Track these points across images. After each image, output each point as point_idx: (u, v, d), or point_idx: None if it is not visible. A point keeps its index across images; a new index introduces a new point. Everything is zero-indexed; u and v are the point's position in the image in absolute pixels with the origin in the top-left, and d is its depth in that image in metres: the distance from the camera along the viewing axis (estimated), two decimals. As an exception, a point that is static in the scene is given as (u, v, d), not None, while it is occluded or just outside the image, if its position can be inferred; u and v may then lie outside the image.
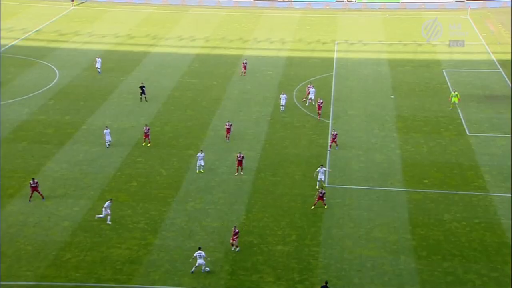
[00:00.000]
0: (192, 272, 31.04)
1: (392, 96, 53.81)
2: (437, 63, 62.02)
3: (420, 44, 67.73)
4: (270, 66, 61.82)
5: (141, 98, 52.62)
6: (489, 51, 65.04)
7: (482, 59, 62.59)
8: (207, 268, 31.14)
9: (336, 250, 32.89)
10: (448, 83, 56.41)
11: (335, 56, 64.68)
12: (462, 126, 47.73)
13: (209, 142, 45.70)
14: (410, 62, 62.46)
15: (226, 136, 45.33)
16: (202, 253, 31.05)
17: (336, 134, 43.91)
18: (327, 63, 62.64)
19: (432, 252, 32.64)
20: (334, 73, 59.85)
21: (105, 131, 44.47)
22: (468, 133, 46.49)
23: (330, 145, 43.68)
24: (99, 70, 59.32)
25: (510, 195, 37.79)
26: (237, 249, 32.67)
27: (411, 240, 33.65)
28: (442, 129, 47.33)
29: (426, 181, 39.78)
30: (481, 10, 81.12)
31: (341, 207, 36.92)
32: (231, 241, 32.81)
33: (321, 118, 48.92)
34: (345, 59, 63.92)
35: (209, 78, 59.02)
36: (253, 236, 34.22)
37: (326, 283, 28.91)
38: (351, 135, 46.21)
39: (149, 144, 45.03)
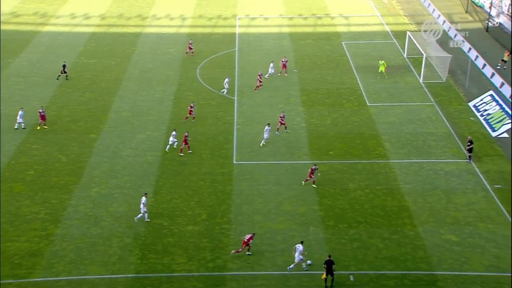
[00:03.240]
0: (290, 268, 29.35)
1: (295, 70, 54.46)
2: (337, 35, 63.52)
3: (320, 17, 68.97)
4: (172, 44, 60.26)
5: (66, 77, 50.83)
6: (383, 23, 67.55)
7: (377, 30, 64.90)
8: (309, 261, 29.57)
9: (247, 226, 32.93)
10: (348, 55, 57.97)
11: (237, 32, 64.27)
12: (363, 97, 49.32)
13: (111, 125, 43.85)
14: (311, 35, 63.46)
15: (189, 117, 43.96)
16: (301, 247, 29.20)
17: (284, 115, 43.10)
18: (229, 38, 62.12)
19: (338, 221, 33.62)
20: (236, 48, 59.48)
21: (20, 112, 42.25)
22: (368, 104, 48.14)
23: (278, 128, 42.50)
24: None
25: (408, 160, 39.78)
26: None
27: (319, 210, 34.44)
28: (344, 101, 48.64)
29: (331, 152, 40.78)
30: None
31: (250, 183, 36.96)
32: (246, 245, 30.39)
33: (227, 94, 48.70)
34: (247, 34, 63.71)
35: (107, 57, 56.50)
36: (162, 218, 33.42)
37: (329, 256, 28.70)
38: (257, 111, 46.27)
39: (45, 127, 42.46)
